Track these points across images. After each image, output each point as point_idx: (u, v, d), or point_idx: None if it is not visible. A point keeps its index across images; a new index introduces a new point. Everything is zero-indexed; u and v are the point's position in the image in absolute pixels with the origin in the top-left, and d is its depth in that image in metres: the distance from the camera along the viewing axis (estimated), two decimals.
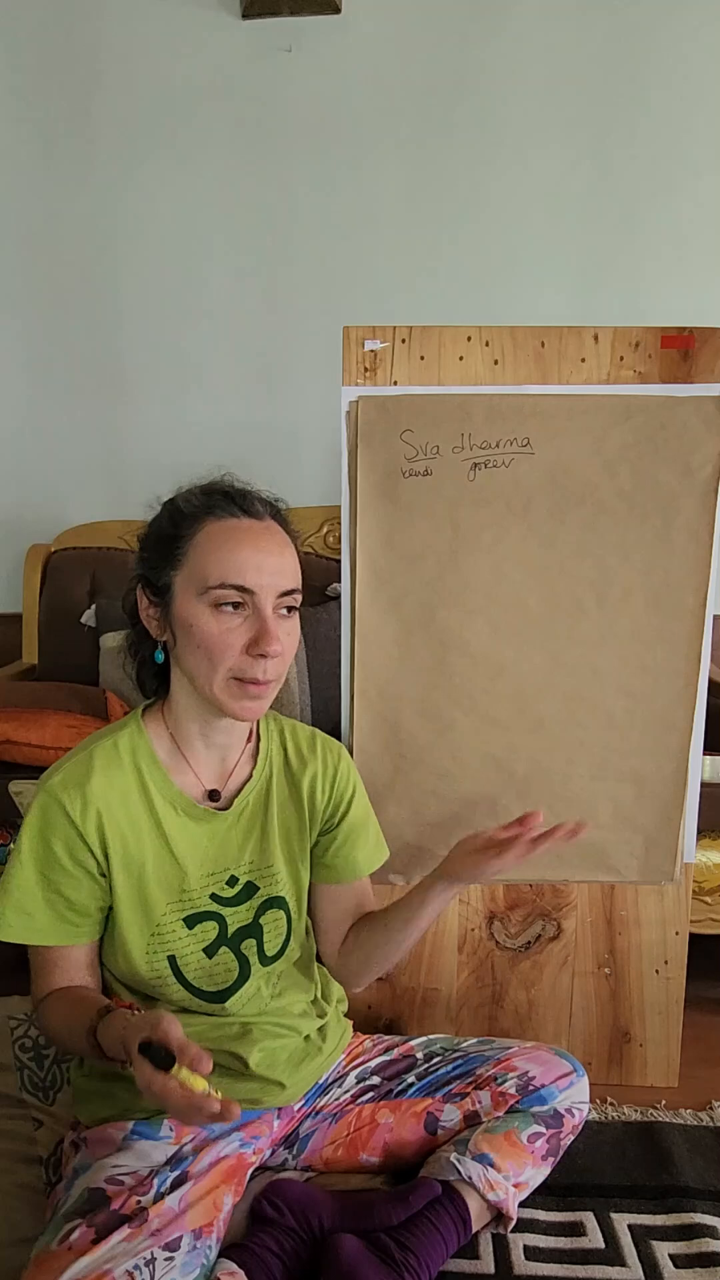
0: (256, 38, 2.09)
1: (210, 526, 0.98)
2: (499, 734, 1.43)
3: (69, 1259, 0.87)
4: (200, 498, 1.01)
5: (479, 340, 1.38)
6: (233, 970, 1.09)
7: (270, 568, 0.97)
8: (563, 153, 2.10)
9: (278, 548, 0.99)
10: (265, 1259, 1.00)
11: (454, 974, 1.49)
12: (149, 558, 1.02)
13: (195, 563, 0.97)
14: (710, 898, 1.60)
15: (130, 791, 1.03)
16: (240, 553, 0.96)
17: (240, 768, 1.11)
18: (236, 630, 0.97)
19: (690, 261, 2.13)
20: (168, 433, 2.27)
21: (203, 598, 0.96)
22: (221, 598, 0.96)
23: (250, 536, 0.98)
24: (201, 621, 0.97)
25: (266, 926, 1.11)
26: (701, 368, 1.36)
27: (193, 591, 0.97)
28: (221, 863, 1.08)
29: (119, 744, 1.05)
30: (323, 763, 1.15)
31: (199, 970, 1.07)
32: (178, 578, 0.99)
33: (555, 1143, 1.16)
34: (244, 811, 1.10)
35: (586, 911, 1.47)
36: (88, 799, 1.00)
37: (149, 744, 1.06)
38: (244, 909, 1.09)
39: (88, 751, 1.03)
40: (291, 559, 1.01)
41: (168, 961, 1.05)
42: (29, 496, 2.33)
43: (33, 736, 1.58)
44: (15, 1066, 1.33)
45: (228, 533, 0.98)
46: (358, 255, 2.17)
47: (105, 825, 1.01)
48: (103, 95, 2.13)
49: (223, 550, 0.97)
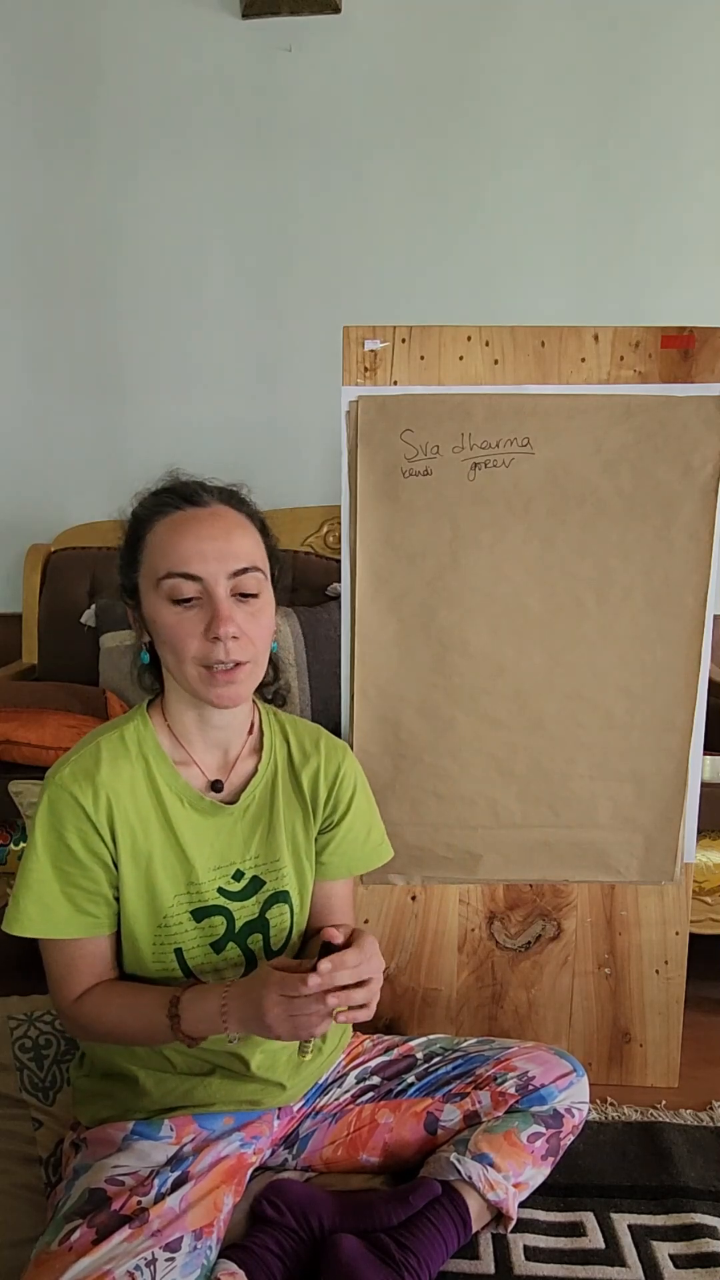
0: (256, 37, 2.09)
1: (159, 523, 1.01)
2: (499, 734, 1.43)
3: (69, 1259, 0.87)
4: (150, 499, 1.04)
5: (479, 340, 1.38)
6: (239, 966, 1.09)
7: (214, 552, 0.98)
8: (563, 152, 2.10)
9: (223, 531, 1.00)
10: (265, 1259, 1.00)
11: (454, 974, 1.49)
12: (121, 565, 1.06)
13: (148, 560, 1.01)
14: (710, 898, 1.60)
15: (138, 782, 1.04)
16: (184, 541, 0.99)
17: (244, 761, 1.11)
18: (193, 617, 0.98)
19: (690, 261, 2.13)
20: (168, 432, 2.27)
21: (158, 592, 0.99)
22: (173, 588, 0.98)
23: (193, 524, 1.00)
24: (162, 615, 0.99)
25: (272, 921, 1.11)
26: (702, 367, 1.36)
27: (151, 588, 1.00)
28: (228, 857, 1.08)
29: (125, 735, 1.05)
30: (326, 760, 1.14)
31: (205, 965, 1.07)
32: (141, 579, 1.02)
33: (555, 1143, 1.16)
34: (250, 806, 1.10)
35: (587, 911, 1.47)
36: (98, 788, 1.00)
37: (154, 736, 1.06)
38: (251, 903, 1.09)
39: (95, 743, 1.04)
40: (243, 539, 1.01)
41: (175, 954, 1.05)
42: (29, 496, 2.33)
43: (32, 736, 1.58)
44: (15, 1067, 1.33)
45: (172, 525, 1.00)
46: (358, 255, 2.17)
47: (115, 814, 1.01)
48: (103, 94, 2.13)
49: (168, 543, 0.99)
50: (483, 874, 1.46)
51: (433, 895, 1.48)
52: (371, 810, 1.21)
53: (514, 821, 1.44)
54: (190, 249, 2.19)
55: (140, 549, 1.02)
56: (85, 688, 1.87)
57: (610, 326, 1.37)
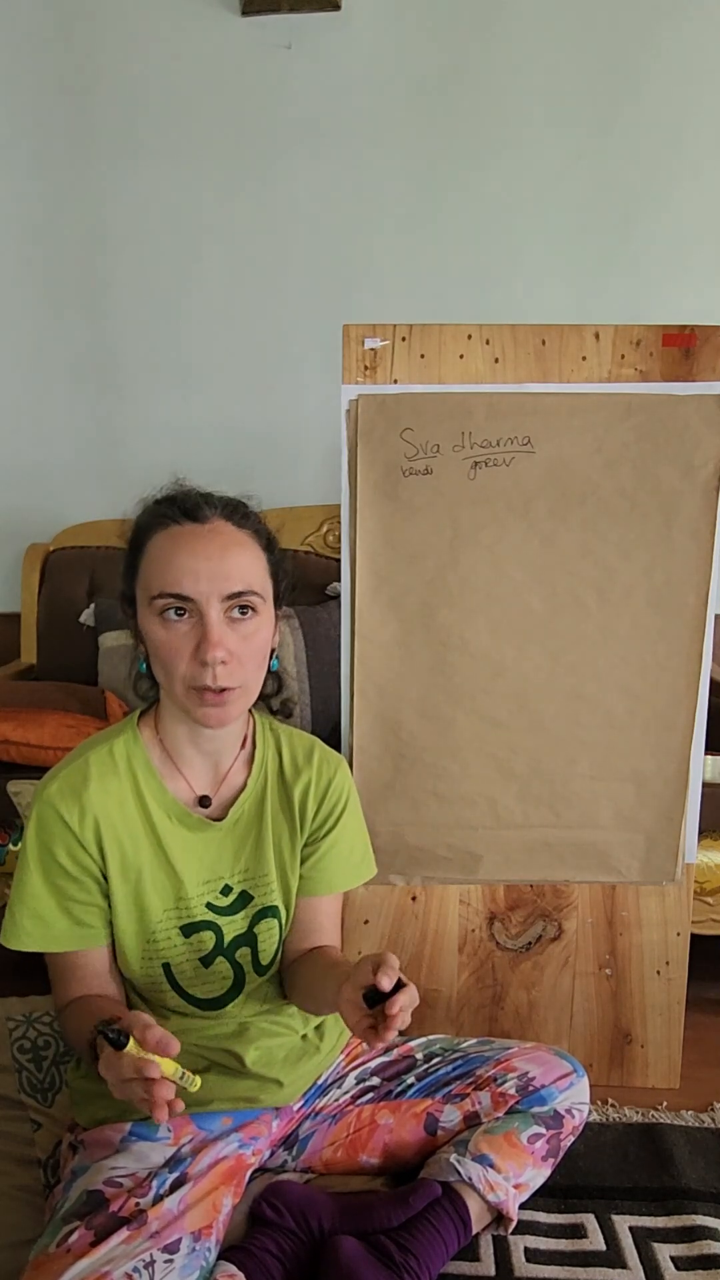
0: (256, 35, 2.08)
1: (157, 536, 0.99)
2: (499, 734, 1.42)
3: (68, 1261, 0.87)
4: (151, 508, 1.02)
5: (479, 338, 1.37)
6: (227, 979, 1.09)
7: (208, 572, 0.95)
8: (563, 150, 2.10)
9: (219, 550, 0.97)
10: (265, 1261, 1.00)
11: (454, 975, 1.49)
12: (123, 571, 1.04)
13: (144, 574, 0.99)
14: (711, 898, 1.60)
15: (126, 799, 1.04)
16: (176, 560, 0.96)
17: (234, 774, 1.11)
18: (184, 636, 0.96)
19: (691, 259, 2.12)
20: (167, 431, 2.26)
21: (151, 607, 0.97)
22: (164, 606, 0.96)
23: (188, 542, 0.97)
24: (153, 630, 0.98)
25: (261, 936, 1.10)
26: (703, 366, 1.35)
27: (145, 603, 0.98)
28: (216, 871, 1.08)
29: (114, 750, 1.05)
30: (317, 773, 1.13)
31: (193, 979, 1.07)
32: (137, 590, 1.01)
33: (555, 1144, 1.16)
34: (239, 820, 1.09)
35: (587, 912, 1.47)
36: (85, 807, 1.00)
37: (144, 750, 1.06)
38: (239, 918, 1.09)
39: (84, 758, 1.03)
40: (241, 559, 0.98)
41: (162, 969, 1.05)
42: (28, 496, 2.33)
43: (31, 736, 1.58)
44: (14, 1068, 1.33)
45: (168, 540, 0.98)
46: (357, 253, 2.16)
47: (103, 832, 1.01)
48: (101, 92, 2.12)
49: (161, 560, 0.97)
50: (483, 874, 1.46)
51: (433, 896, 1.47)
52: (360, 827, 1.19)
53: (514, 822, 1.44)
54: (189, 246, 2.18)
55: (139, 559, 1.00)
56: (84, 687, 1.87)
57: (611, 325, 1.36)
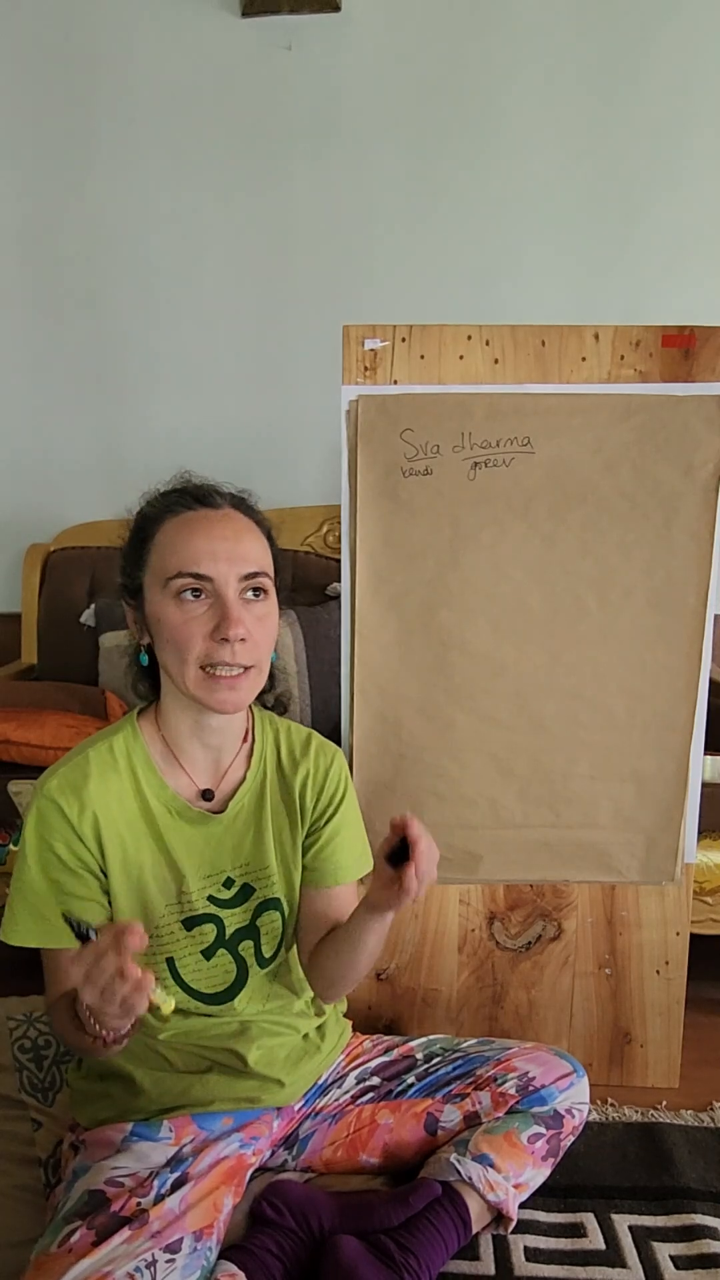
0: (256, 36, 2.08)
1: (169, 523, 1.01)
2: (499, 734, 1.42)
3: (69, 1261, 0.87)
4: (160, 499, 1.04)
5: (479, 339, 1.37)
6: (231, 972, 1.09)
7: (226, 553, 0.98)
8: (563, 151, 2.10)
9: (234, 533, 1.00)
10: (265, 1260, 1.00)
11: (454, 974, 1.49)
12: (124, 565, 1.05)
13: (157, 559, 1.00)
14: (711, 898, 1.60)
15: (126, 795, 1.04)
16: (194, 541, 0.98)
17: (235, 768, 1.11)
18: (201, 618, 0.98)
19: (691, 260, 2.12)
20: (167, 432, 2.26)
21: (165, 590, 0.98)
22: (181, 586, 0.97)
23: (205, 525, 1.00)
24: (167, 613, 0.98)
25: (263, 928, 1.10)
26: (702, 366, 1.36)
27: (158, 586, 0.99)
28: (217, 865, 1.08)
29: (114, 747, 1.05)
30: (315, 763, 1.13)
31: (197, 973, 1.07)
32: (146, 578, 1.01)
33: (555, 1143, 1.16)
34: (239, 813, 1.09)
35: (587, 912, 1.47)
36: (85, 803, 1.00)
37: (144, 746, 1.06)
38: (241, 911, 1.09)
39: (84, 755, 1.04)
40: (254, 543, 1.02)
41: (166, 964, 1.05)
42: (28, 496, 2.33)
43: (32, 736, 1.58)
44: (15, 1067, 1.33)
45: (184, 524, 1.00)
46: (357, 254, 2.17)
47: (103, 829, 1.01)
48: (102, 93, 2.12)
49: (178, 541, 0.99)
50: (483, 874, 1.46)
51: (433, 895, 1.47)
52: (358, 818, 1.19)
53: (514, 821, 1.44)
54: (189, 247, 2.18)
55: (148, 548, 1.01)
56: (84, 687, 1.87)
57: (611, 325, 1.36)
